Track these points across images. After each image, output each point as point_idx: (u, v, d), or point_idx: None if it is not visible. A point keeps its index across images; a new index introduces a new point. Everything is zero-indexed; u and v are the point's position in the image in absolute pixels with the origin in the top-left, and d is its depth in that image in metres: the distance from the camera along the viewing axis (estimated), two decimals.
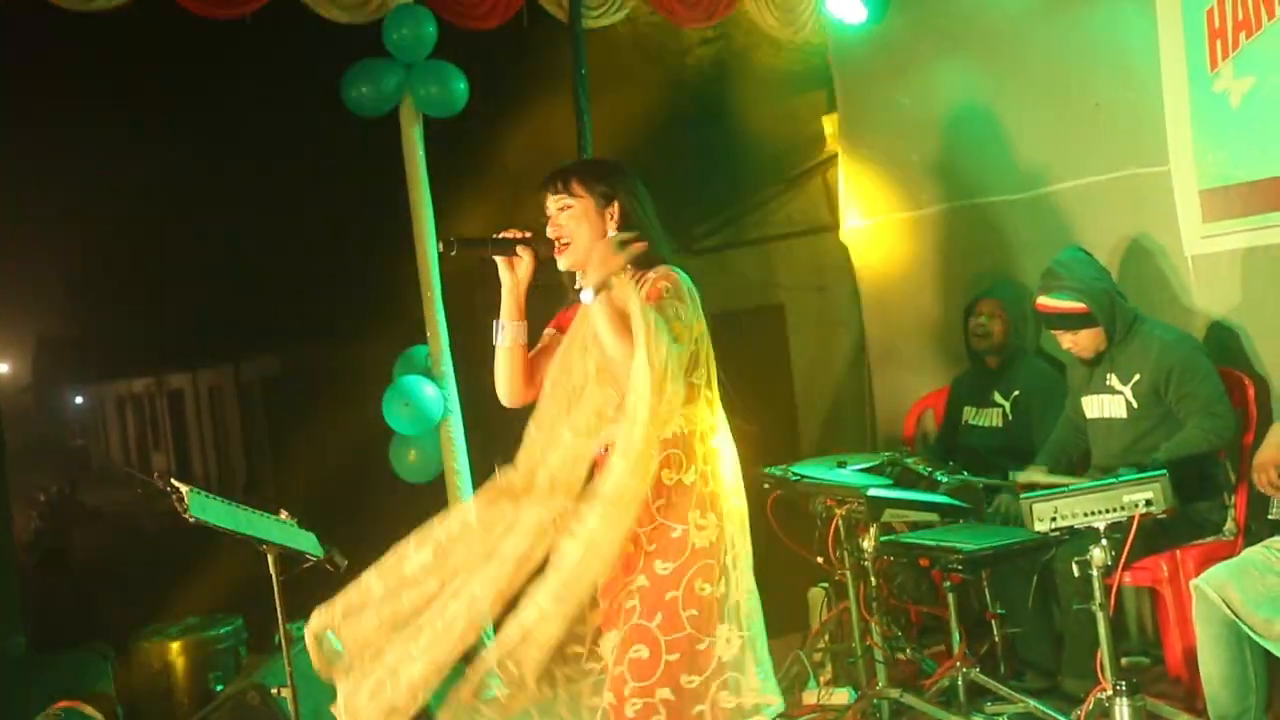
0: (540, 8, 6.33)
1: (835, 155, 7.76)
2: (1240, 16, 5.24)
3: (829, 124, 7.83)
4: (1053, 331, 5.29)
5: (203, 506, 3.59)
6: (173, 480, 3.57)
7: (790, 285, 10.69)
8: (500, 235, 3.55)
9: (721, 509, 3.44)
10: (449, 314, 6.22)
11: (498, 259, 3.56)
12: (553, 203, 3.55)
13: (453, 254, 3.50)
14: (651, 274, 3.45)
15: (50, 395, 37.68)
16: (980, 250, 6.70)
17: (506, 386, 3.65)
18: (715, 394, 3.55)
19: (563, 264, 3.55)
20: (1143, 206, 5.80)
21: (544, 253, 3.55)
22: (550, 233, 3.54)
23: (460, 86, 6.12)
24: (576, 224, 3.52)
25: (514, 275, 3.57)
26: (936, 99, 6.89)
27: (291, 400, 21.25)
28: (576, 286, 3.58)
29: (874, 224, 7.48)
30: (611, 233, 3.49)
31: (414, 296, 6.21)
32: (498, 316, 3.61)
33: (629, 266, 3.43)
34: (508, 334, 3.60)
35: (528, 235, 3.55)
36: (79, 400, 39.44)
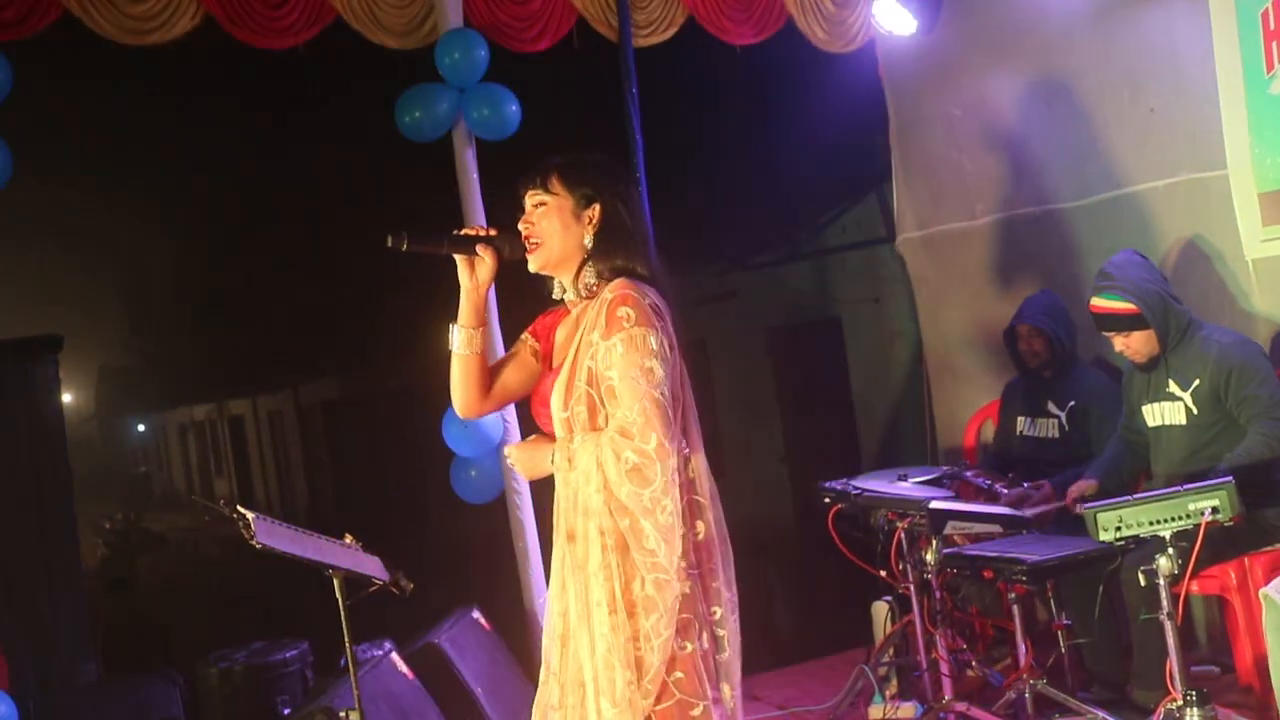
0: (590, 28, 6.37)
1: (888, 167, 7.74)
2: None
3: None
4: (1105, 334, 5.24)
5: (269, 533, 3.62)
6: (239, 507, 3.58)
7: (846, 297, 10.71)
8: (461, 232, 3.29)
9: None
10: (505, 335, 6.26)
11: (457, 258, 3.26)
12: (529, 198, 3.27)
13: (403, 249, 3.19)
14: (606, 290, 3.15)
15: (113, 424, 38.13)
16: (1036, 258, 6.67)
17: (459, 396, 3.38)
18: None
19: (532, 264, 3.27)
20: (1200, 211, 5.75)
21: (509, 253, 3.26)
22: (521, 228, 3.26)
23: (512, 109, 6.16)
24: (549, 223, 3.23)
25: (474, 277, 3.26)
26: (989, 108, 6.87)
27: (351, 424, 21.44)
28: (554, 294, 3.36)
29: (929, 234, 7.46)
30: (587, 239, 3.22)
31: None
32: (454, 320, 3.33)
33: (591, 276, 3.21)
34: (461, 340, 3.31)
35: (491, 233, 3.27)
36: (141, 428, 39.87)
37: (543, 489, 3.34)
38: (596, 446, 3.05)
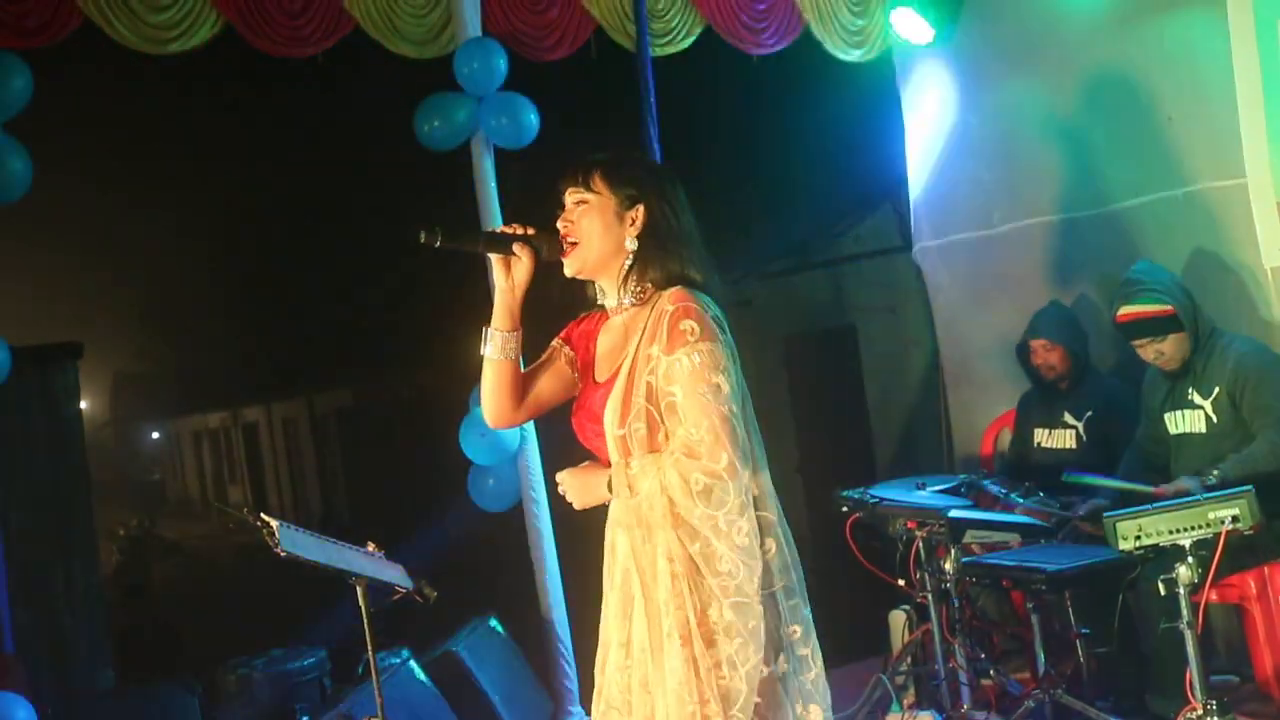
0: (608, 38, 6.39)
1: (905, 175, 7.74)
2: None
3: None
4: (1135, 343, 5.22)
5: (293, 541, 3.61)
6: (262, 515, 3.57)
7: (861, 306, 10.69)
8: (497, 230, 3.16)
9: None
10: (525, 342, 6.25)
11: (493, 258, 3.13)
12: (569, 196, 3.10)
13: (436, 246, 3.07)
14: (665, 300, 3.00)
15: (129, 431, 38.24)
16: (1054, 267, 6.67)
17: (490, 405, 3.23)
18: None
19: (569, 268, 3.12)
20: (1220, 220, 5.75)
21: (547, 254, 3.10)
22: (560, 226, 3.10)
23: (531, 118, 6.17)
24: (590, 223, 3.07)
25: (509, 278, 3.11)
26: (1006, 117, 6.87)
27: (366, 432, 21.45)
28: (596, 299, 3.22)
29: (946, 243, 7.45)
30: (630, 241, 3.06)
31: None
32: (488, 323, 3.18)
33: (639, 283, 3.08)
34: (495, 345, 3.16)
35: (529, 232, 3.11)
36: (156, 435, 39.98)
37: (557, 496, 3.28)
38: (659, 470, 2.91)
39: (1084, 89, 6.39)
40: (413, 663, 5.56)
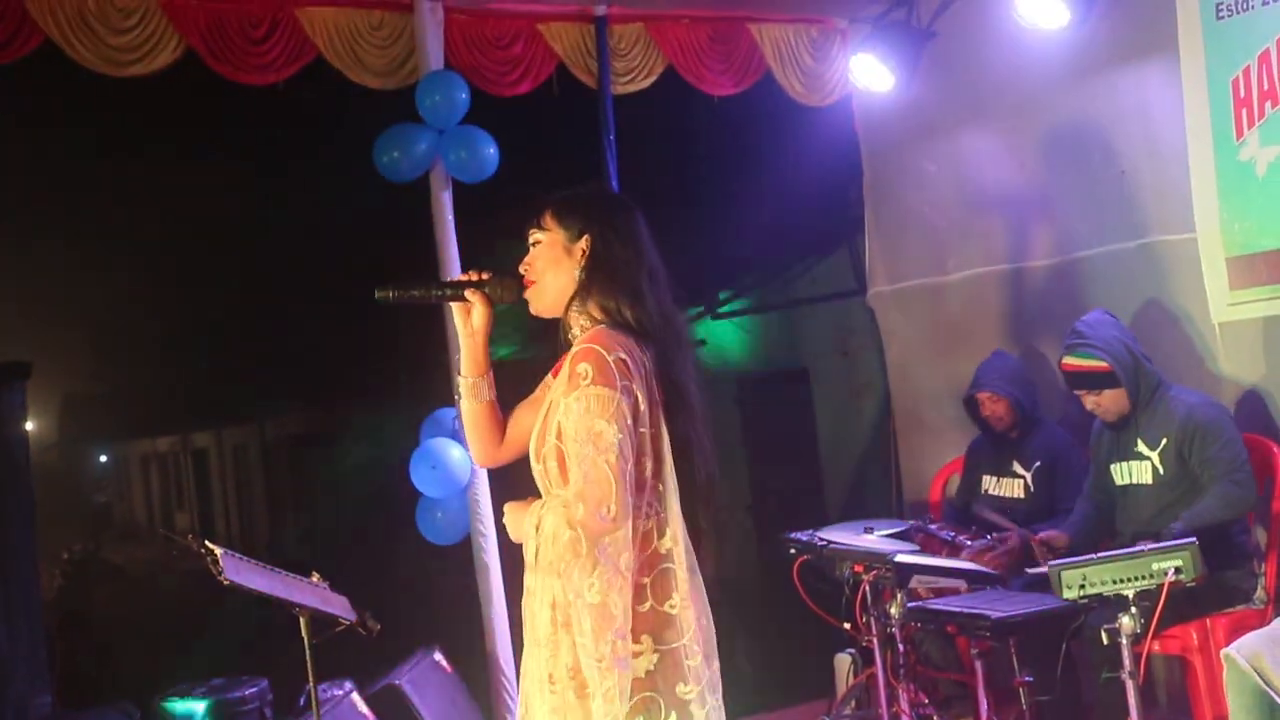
0: (570, 74, 6.41)
1: (861, 220, 7.78)
2: (1266, 86, 5.27)
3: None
4: (1076, 392, 5.28)
5: (237, 570, 3.59)
6: (206, 543, 3.54)
7: (815, 349, 10.73)
8: (451, 280, 3.21)
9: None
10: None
11: (453, 306, 3.15)
12: (529, 236, 3.12)
13: (390, 300, 3.09)
14: (580, 340, 2.97)
15: (75, 453, 37.77)
16: (1007, 316, 6.72)
17: (473, 446, 3.26)
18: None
19: (531, 307, 3.12)
20: (1169, 274, 5.81)
21: (500, 297, 3.11)
22: (521, 269, 3.11)
23: (490, 151, 6.17)
24: (543, 262, 3.07)
25: (468, 324, 3.12)
26: (963, 165, 6.93)
27: (316, 460, 21.31)
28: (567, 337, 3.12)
29: (900, 289, 7.50)
30: (580, 273, 3.04)
31: (441, 358, 6.24)
32: (459, 371, 3.18)
33: (575, 321, 3.05)
34: (465, 390, 3.17)
35: (483, 277, 3.11)
36: (103, 458, 39.56)
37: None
38: (554, 514, 2.87)
39: (1039, 140, 6.46)
40: (355, 695, 5.51)
